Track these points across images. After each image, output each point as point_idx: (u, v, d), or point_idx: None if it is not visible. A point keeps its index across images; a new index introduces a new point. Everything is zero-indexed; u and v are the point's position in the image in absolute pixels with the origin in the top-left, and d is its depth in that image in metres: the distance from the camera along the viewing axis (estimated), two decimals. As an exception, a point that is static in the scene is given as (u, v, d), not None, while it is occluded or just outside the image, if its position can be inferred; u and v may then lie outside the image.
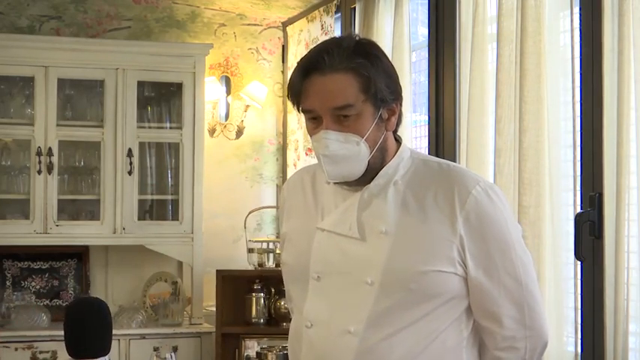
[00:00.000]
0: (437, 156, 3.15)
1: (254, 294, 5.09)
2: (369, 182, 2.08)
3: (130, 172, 5.22)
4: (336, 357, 2.04)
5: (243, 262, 5.42)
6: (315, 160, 2.10)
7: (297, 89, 2.04)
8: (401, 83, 2.12)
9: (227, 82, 5.79)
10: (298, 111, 2.07)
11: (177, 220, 5.34)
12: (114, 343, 3.55)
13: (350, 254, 2.06)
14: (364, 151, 2.02)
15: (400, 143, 2.13)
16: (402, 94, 2.10)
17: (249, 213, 5.53)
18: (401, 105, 2.09)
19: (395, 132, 2.12)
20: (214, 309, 5.18)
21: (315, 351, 2.08)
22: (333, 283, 2.07)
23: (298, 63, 2.06)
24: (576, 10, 3.15)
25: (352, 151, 2.01)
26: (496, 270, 2.04)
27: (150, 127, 5.39)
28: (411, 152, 2.14)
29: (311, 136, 2.05)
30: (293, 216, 2.22)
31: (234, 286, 5.12)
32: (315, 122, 2.04)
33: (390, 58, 2.12)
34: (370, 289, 2.02)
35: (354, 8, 4.88)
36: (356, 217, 2.06)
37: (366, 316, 2.02)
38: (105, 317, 2.67)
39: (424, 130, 4.38)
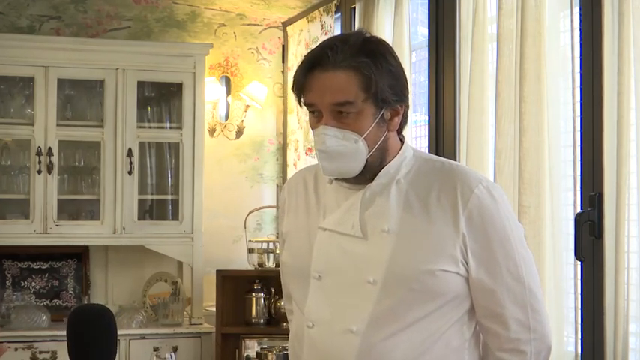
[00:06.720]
0: (437, 156, 3.15)
1: (254, 294, 5.09)
2: (371, 180, 2.07)
3: (130, 172, 5.22)
4: (338, 356, 2.03)
5: (243, 262, 5.42)
6: (316, 161, 2.10)
7: (300, 83, 2.04)
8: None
9: (227, 82, 5.79)
10: (300, 105, 2.08)
11: (177, 220, 5.34)
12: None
13: (352, 253, 2.05)
14: (362, 150, 2.01)
15: (403, 143, 2.12)
16: (409, 97, 2.09)
17: (249, 213, 5.53)
18: (407, 107, 2.09)
19: (400, 132, 2.11)
20: (214, 309, 5.18)
21: (316, 351, 2.07)
22: (334, 282, 2.06)
23: (304, 57, 2.06)
24: (576, 10, 3.15)
25: (350, 148, 2.01)
26: (499, 269, 2.03)
27: (150, 127, 5.39)
28: (414, 151, 2.14)
29: (313, 130, 2.06)
30: (294, 215, 2.21)
31: (234, 286, 5.12)
32: (317, 117, 2.04)
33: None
34: (372, 288, 2.01)
35: (354, 8, 4.88)
36: (358, 216, 2.06)
37: (368, 316, 2.01)
38: (109, 327, 2.61)
39: (424, 130, 4.38)
